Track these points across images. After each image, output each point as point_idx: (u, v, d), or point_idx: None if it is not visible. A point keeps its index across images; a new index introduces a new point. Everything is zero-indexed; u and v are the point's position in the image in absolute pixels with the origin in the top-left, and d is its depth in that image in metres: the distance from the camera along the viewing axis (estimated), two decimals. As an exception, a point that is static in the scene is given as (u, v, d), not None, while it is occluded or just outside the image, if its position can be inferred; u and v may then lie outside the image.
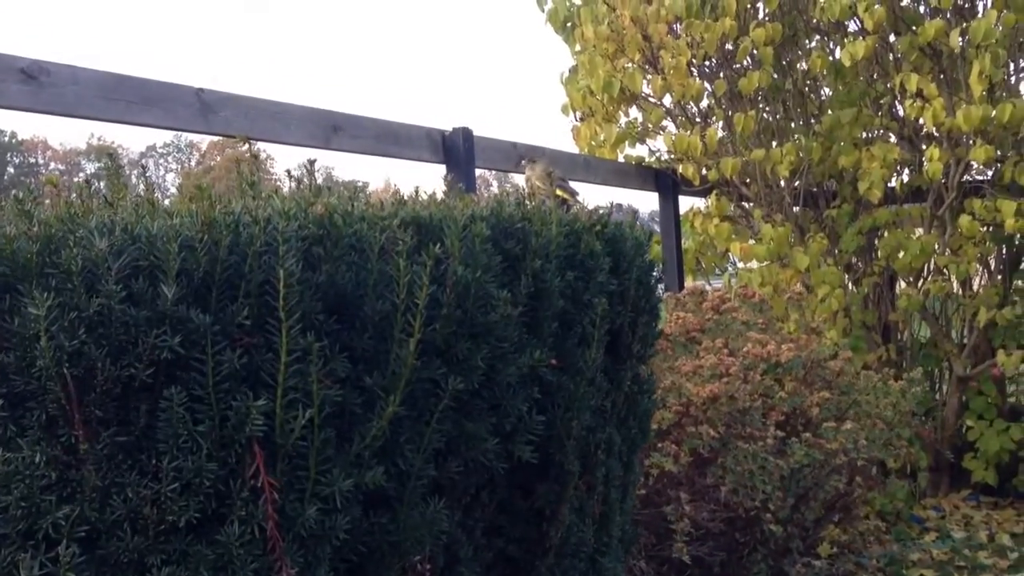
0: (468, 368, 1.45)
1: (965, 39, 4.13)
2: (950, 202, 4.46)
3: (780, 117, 4.88)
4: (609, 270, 1.78)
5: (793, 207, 4.79)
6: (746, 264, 4.96)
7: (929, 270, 4.73)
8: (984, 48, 4.01)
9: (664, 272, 4.91)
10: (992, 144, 4.14)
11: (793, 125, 4.86)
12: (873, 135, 4.72)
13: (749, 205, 4.95)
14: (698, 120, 4.85)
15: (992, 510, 4.63)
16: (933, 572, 3.80)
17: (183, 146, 57.96)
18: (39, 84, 2.35)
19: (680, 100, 4.75)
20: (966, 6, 4.33)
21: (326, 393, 1.26)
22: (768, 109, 4.88)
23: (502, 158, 3.78)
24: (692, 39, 4.49)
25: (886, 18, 4.26)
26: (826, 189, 4.90)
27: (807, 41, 4.81)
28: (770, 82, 4.51)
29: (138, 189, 1.59)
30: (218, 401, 1.20)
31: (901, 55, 4.43)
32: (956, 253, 4.43)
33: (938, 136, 4.41)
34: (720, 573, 2.92)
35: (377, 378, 1.35)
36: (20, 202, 1.24)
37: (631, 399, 1.96)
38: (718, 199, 4.83)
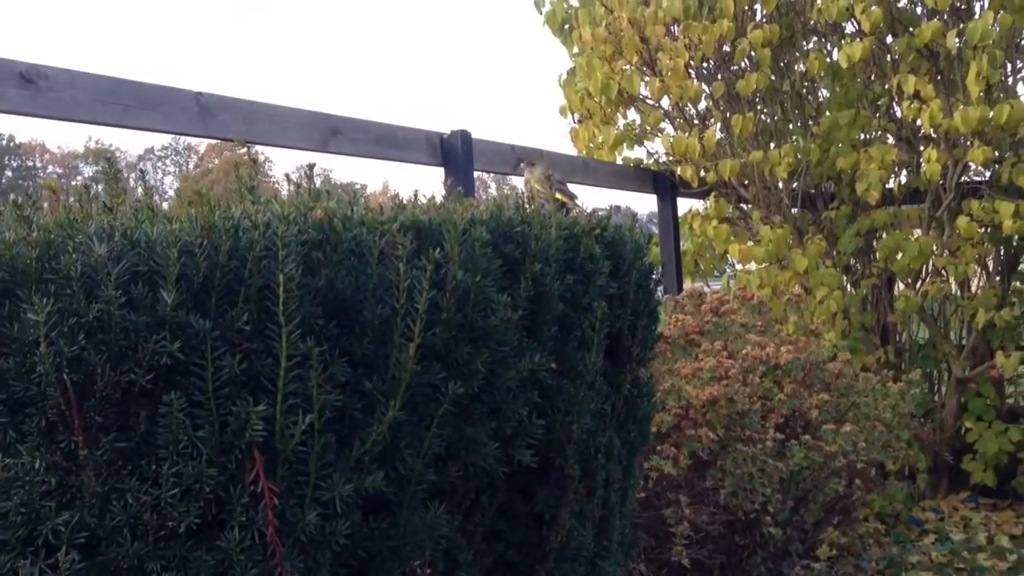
0: (468, 372, 1.44)
1: (962, 40, 4.14)
2: (948, 203, 4.46)
3: (778, 119, 4.88)
4: (608, 273, 1.78)
5: (791, 209, 4.79)
6: (745, 266, 4.96)
7: (927, 271, 4.74)
8: (981, 49, 4.01)
9: (663, 274, 4.92)
10: (990, 145, 4.14)
11: (791, 127, 4.86)
12: (871, 136, 4.72)
13: (747, 207, 4.95)
14: (696, 122, 4.85)
15: (991, 512, 4.63)
16: (932, 574, 3.79)
17: (181, 149, 57.99)
18: (37, 88, 2.34)
19: (678, 102, 4.75)
20: (963, 7, 4.34)
21: (326, 398, 1.26)
22: (766, 111, 4.88)
23: (501, 161, 3.78)
24: (690, 41, 4.50)
25: (883, 19, 4.27)
26: (824, 191, 4.90)
27: (805, 43, 4.81)
28: (768, 84, 4.51)
29: (137, 193, 1.59)
30: (218, 406, 1.20)
31: (898, 56, 4.43)
32: (954, 254, 4.43)
33: (936, 137, 4.41)
34: (720, 576, 2.93)
35: (377, 383, 1.35)
36: (19, 207, 1.24)
37: (631, 402, 1.96)
38: (716, 201, 4.84)
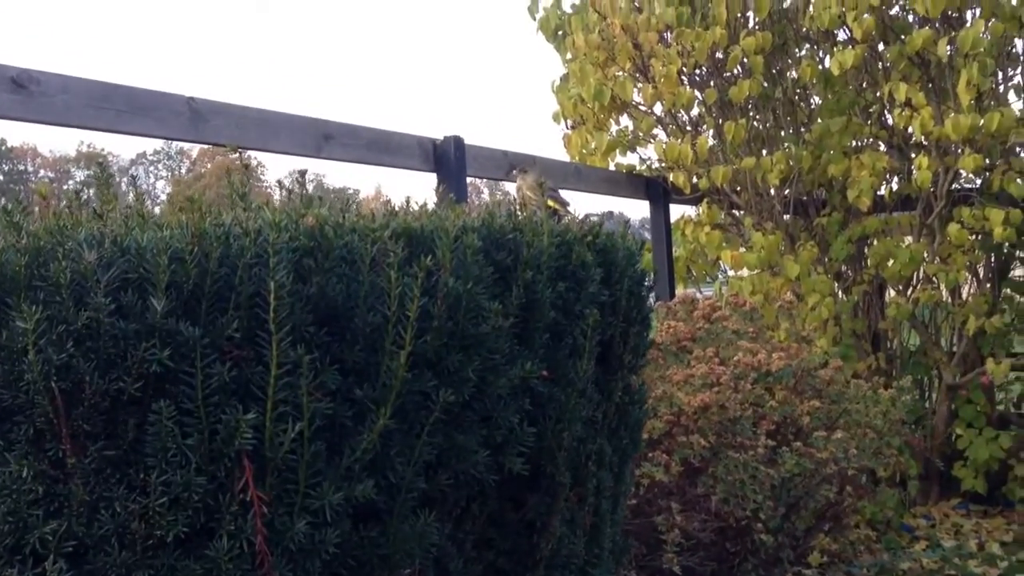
0: (459, 380, 1.44)
1: (953, 48, 4.15)
2: (939, 210, 4.48)
3: (770, 125, 4.89)
4: (600, 281, 1.78)
5: (783, 215, 4.81)
6: (737, 272, 4.97)
7: (918, 278, 4.75)
8: (972, 57, 4.03)
9: (655, 280, 4.92)
10: (980, 153, 4.16)
11: (783, 133, 4.88)
12: (862, 144, 4.73)
13: (740, 213, 4.96)
14: (689, 128, 4.86)
15: (982, 518, 4.64)
16: (923, 581, 3.80)
17: (173, 153, 57.87)
18: (28, 93, 2.34)
19: (671, 108, 4.76)
20: (954, 16, 4.35)
21: (316, 406, 1.26)
22: (758, 117, 4.90)
23: (493, 166, 3.78)
24: (682, 48, 4.51)
25: (875, 27, 4.29)
26: (816, 197, 4.91)
27: (797, 50, 4.83)
28: (760, 91, 4.53)
29: (128, 198, 1.58)
30: (207, 414, 1.20)
31: (890, 64, 4.45)
32: (945, 261, 4.44)
33: (927, 145, 4.43)
34: (711, 582, 2.92)
35: (368, 390, 1.35)
36: (8, 214, 1.24)
37: (622, 410, 1.95)
38: (709, 207, 4.85)
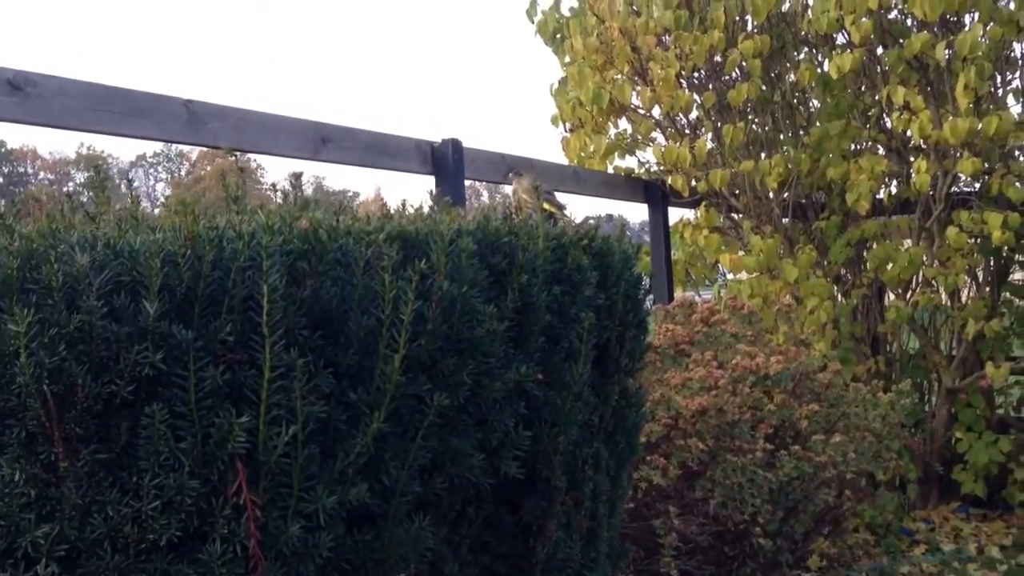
0: (454, 384, 1.44)
1: (951, 52, 4.16)
2: (938, 214, 4.47)
3: (769, 129, 4.89)
4: (596, 284, 1.78)
5: (782, 219, 4.80)
6: (735, 275, 4.97)
7: (917, 282, 4.74)
8: (970, 61, 4.03)
9: (653, 283, 4.92)
10: (979, 156, 4.16)
11: (782, 137, 4.87)
12: (861, 147, 4.73)
13: (738, 217, 4.96)
14: (687, 132, 4.86)
15: (981, 522, 4.64)
16: (922, 585, 3.80)
17: (173, 156, 57.89)
18: (25, 95, 2.34)
19: (669, 112, 4.76)
20: (953, 20, 4.36)
21: (310, 409, 1.26)
22: (757, 121, 4.90)
23: (491, 169, 3.78)
24: (681, 51, 4.51)
25: (873, 31, 4.29)
26: (815, 201, 4.91)
27: (795, 53, 4.83)
28: (759, 94, 4.53)
29: (127, 201, 1.58)
30: (200, 418, 1.20)
31: (888, 68, 4.45)
32: (944, 265, 4.44)
33: (925, 148, 4.42)
34: (709, 586, 2.92)
35: (362, 394, 1.34)
36: (1, 217, 1.24)
37: (619, 413, 1.95)
38: (707, 210, 4.84)
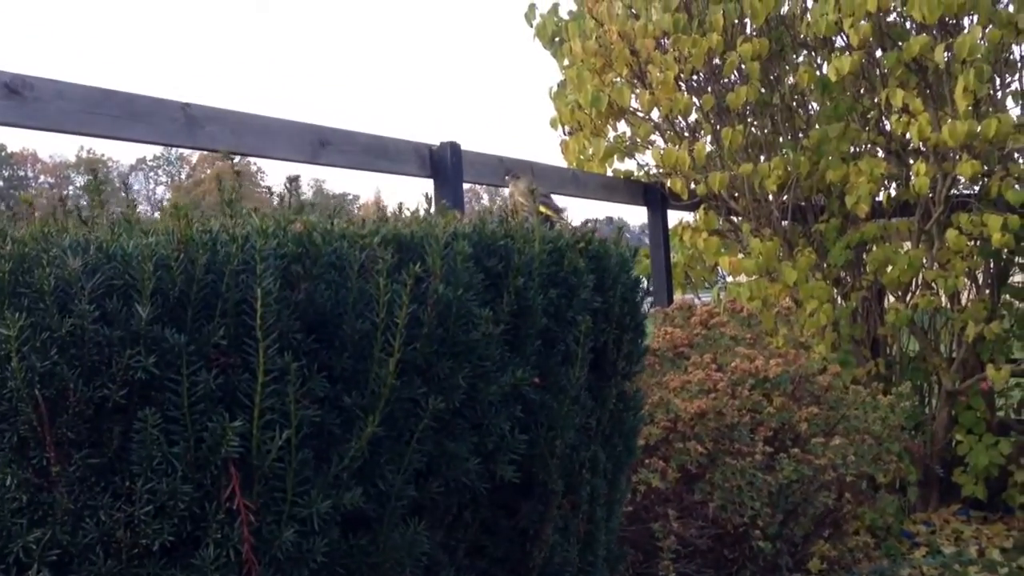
0: (449, 387, 1.43)
1: (950, 55, 4.15)
2: (937, 216, 4.47)
3: (768, 131, 4.89)
4: (593, 287, 1.77)
5: (781, 221, 4.80)
6: (735, 278, 4.96)
7: (917, 284, 4.74)
8: (969, 63, 4.03)
9: (653, 286, 4.91)
10: (978, 159, 4.15)
11: (781, 139, 4.87)
12: (860, 149, 4.73)
13: (737, 219, 4.95)
14: (686, 134, 4.86)
15: (982, 525, 4.62)
16: (923, 588, 3.79)
17: (173, 159, 57.90)
18: (22, 99, 2.33)
19: (668, 114, 4.76)
20: (951, 22, 4.35)
21: (304, 413, 1.25)
22: (756, 123, 4.89)
23: (490, 172, 3.78)
24: (679, 54, 4.50)
25: (872, 34, 4.28)
26: (814, 203, 4.90)
27: (794, 56, 4.83)
28: (758, 97, 4.53)
29: (123, 204, 1.57)
30: (193, 422, 1.19)
31: (887, 70, 4.45)
32: (944, 267, 4.43)
33: (925, 151, 4.42)
34: (708, 590, 2.91)
35: (356, 398, 1.33)
36: (-6, 220, 1.23)
37: (616, 416, 1.94)
38: (706, 213, 4.84)
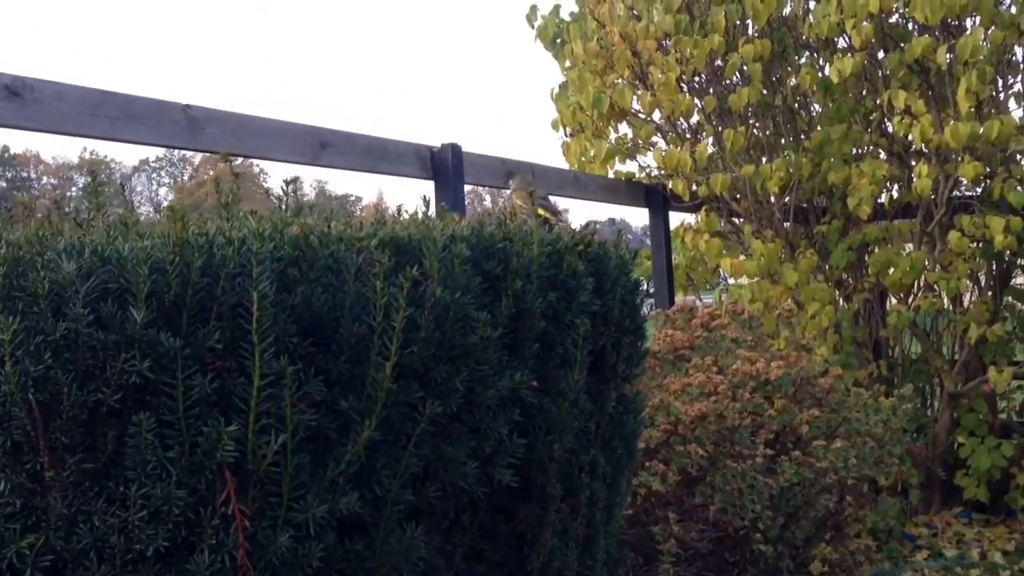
0: (447, 391, 1.42)
1: (953, 56, 4.14)
2: (939, 218, 4.45)
3: (770, 133, 4.88)
4: (592, 290, 1.76)
5: (783, 223, 4.78)
6: (736, 280, 4.95)
7: (919, 286, 4.72)
8: (971, 65, 4.01)
9: (654, 288, 4.91)
10: (980, 161, 4.14)
11: (783, 141, 4.86)
12: (862, 151, 4.72)
13: (739, 221, 4.94)
14: (688, 136, 4.85)
15: (984, 527, 4.61)
16: (925, 591, 3.77)
17: (176, 160, 57.98)
18: (22, 100, 2.33)
19: (670, 116, 4.75)
20: (954, 23, 4.34)
21: (300, 418, 1.24)
22: (758, 125, 4.88)
23: (491, 174, 3.78)
24: (681, 55, 4.50)
25: (874, 35, 4.27)
26: (816, 205, 4.89)
27: (796, 57, 4.82)
28: (759, 98, 4.52)
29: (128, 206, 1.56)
30: (188, 427, 1.18)
31: (889, 72, 4.43)
32: (946, 269, 4.42)
33: (927, 152, 4.41)
34: (709, 593, 2.90)
35: (353, 402, 1.33)
36: (-11, 223, 1.23)
37: (616, 420, 1.93)
38: (708, 215, 4.83)
